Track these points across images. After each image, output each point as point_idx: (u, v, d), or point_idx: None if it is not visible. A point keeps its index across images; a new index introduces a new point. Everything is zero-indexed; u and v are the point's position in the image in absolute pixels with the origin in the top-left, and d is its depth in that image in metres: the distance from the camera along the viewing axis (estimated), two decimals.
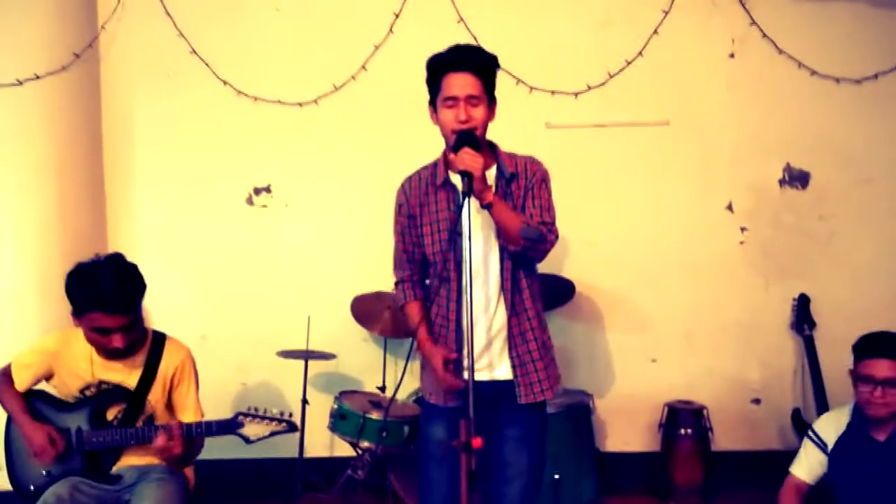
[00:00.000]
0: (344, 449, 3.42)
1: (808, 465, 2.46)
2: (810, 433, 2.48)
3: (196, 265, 3.67)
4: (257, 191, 3.68)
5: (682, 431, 3.37)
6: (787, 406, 3.56)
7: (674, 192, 3.65)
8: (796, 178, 3.65)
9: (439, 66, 2.08)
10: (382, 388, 3.45)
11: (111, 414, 2.33)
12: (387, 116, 3.60)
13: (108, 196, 3.68)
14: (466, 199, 1.91)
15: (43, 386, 2.40)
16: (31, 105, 3.32)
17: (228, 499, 3.38)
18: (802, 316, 3.54)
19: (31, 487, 2.29)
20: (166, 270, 3.54)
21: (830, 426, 2.45)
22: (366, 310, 3.41)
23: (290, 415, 2.43)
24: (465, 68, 2.05)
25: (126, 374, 2.33)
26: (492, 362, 2.13)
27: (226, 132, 3.65)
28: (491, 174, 2.12)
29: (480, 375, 2.11)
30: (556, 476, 2.96)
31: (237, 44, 3.61)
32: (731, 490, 3.43)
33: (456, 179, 2.13)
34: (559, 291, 3.43)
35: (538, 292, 2.21)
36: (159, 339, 2.40)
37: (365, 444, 3.06)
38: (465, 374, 2.10)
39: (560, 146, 3.63)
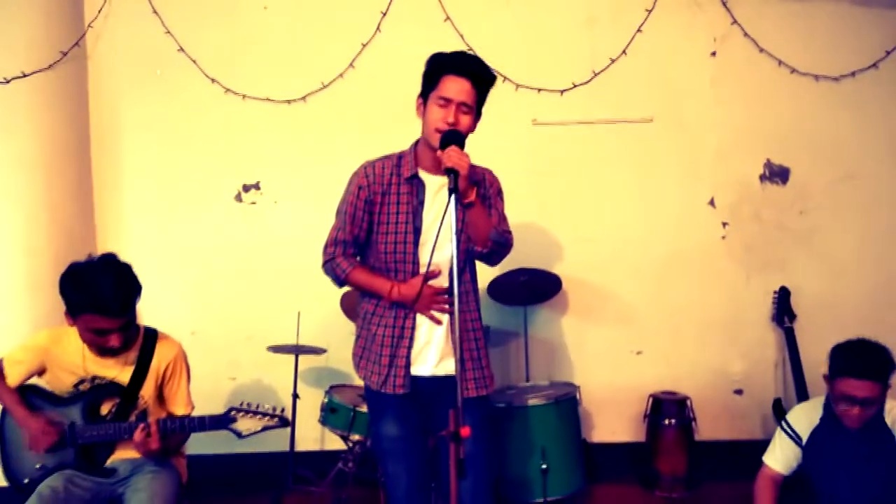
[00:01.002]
0: (334, 442, 3.46)
1: (782, 457, 2.50)
2: (784, 425, 2.51)
3: (185, 261, 3.68)
4: (246, 188, 3.71)
5: (667, 422, 3.43)
6: (769, 396, 3.65)
7: (657, 187, 3.71)
8: (776, 174, 3.73)
9: (442, 65, 2.11)
10: None
11: (105, 409, 2.36)
12: (374, 113, 3.63)
13: (97, 193, 3.69)
14: (452, 196, 1.91)
15: (36, 381, 2.42)
16: (19, 103, 3.32)
17: (220, 492, 3.41)
18: (783, 308, 3.61)
19: (26, 481, 2.31)
20: (156, 267, 3.55)
21: (803, 419, 2.48)
22: (355, 305, 3.40)
23: (283, 410, 2.47)
24: (466, 75, 2.08)
25: (119, 370, 2.35)
26: (432, 359, 2.19)
27: (214, 129, 3.67)
28: None
29: (422, 370, 2.18)
30: (544, 466, 3.00)
31: (225, 41, 3.63)
32: (715, 478, 3.49)
33: (424, 175, 2.19)
34: (546, 286, 3.48)
35: (478, 295, 2.31)
36: (151, 335, 2.43)
37: (355, 437, 3.10)
38: (415, 370, 2.18)
39: (546, 143, 3.69)
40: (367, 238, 2.24)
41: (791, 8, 3.66)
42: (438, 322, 2.18)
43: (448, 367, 2.17)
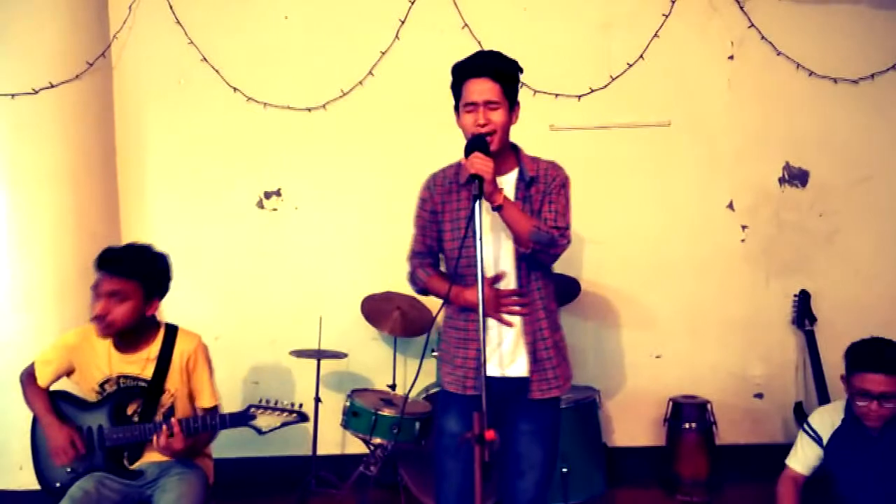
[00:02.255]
0: (356, 446, 3.49)
1: (803, 458, 2.52)
2: (806, 427, 2.54)
3: (209, 268, 3.74)
4: (268, 195, 3.76)
5: (687, 425, 3.43)
6: (790, 400, 3.63)
7: (676, 191, 3.72)
8: (796, 177, 3.72)
9: (461, 73, 2.14)
10: (393, 387, 3.52)
11: (131, 409, 2.40)
12: (394, 120, 3.67)
13: (122, 200, 3.76)
14: (478, 202, 1.96)
15: (65, 383, 2.47)
16: (46, 113, 3.39)
17: (245, 495, 3.46)
18: (803, 311, 3.60)
19: (58, 484, 2.36)
20: (179, 273, 3.52)
21: (825, 421, 2.50)
22: (375, 309, 3.47)
23: (301, 406, 2.47)
24: (484, 74, 2.10)
25: (142, 366, 2.40)
26: (503, 360, 2.18)
27: (236, 137, 3.72)
28: (512, 176, 2.19)
29: (492, 371, 2.17)
30: (565, 469, 3.02)
31: (247, 51, 3.69)
32: (736, 482, 3.48)
33: None
34: (565, 290, 3.49)
35: (552, 293, 2.27)
36: (171, 329, 2.48)
37: (377, 440, 3.12)
38: (486, 371, 2.18)
39: (564, 148, 3.66)
40: (441, 246, 2.27)
41: (808, 10, 3.66)
42: (509, 324, 2.17)
43: (517, 369, 2.17)
